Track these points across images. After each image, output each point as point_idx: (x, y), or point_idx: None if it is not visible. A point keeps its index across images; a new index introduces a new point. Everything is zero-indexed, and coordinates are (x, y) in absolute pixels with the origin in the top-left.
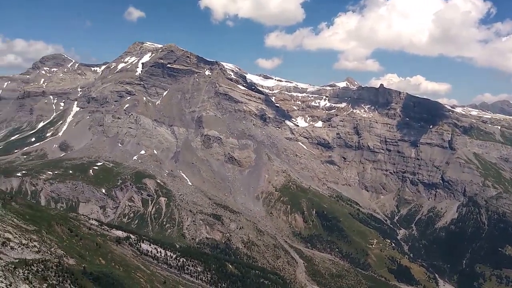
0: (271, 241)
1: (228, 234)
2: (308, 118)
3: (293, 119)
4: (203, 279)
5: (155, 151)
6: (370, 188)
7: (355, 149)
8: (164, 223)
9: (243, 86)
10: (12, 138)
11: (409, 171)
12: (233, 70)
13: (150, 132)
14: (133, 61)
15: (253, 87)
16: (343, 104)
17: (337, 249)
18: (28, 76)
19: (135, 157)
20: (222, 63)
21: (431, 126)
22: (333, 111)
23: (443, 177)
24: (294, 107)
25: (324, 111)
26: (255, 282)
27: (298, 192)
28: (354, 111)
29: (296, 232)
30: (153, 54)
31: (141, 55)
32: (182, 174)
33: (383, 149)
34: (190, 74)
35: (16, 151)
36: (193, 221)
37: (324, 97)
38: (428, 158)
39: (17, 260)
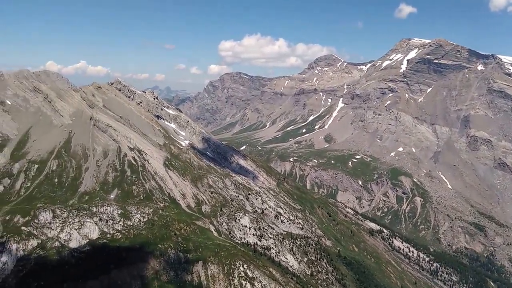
0: None
1: (491, 248)
2: None
3: None
4: None
5: (413, 149)
6: None
7: None
8: (418, 223)
9: None
10: (288, 128)
11: None
12: None
13: (410, 130)
14: (398, 58)
15: None
16: None
17: None
18: (303, 75)
19: (392, 154)
20: (499, 56)
21: None
22: None
23: None
24: None
25: None
26: None
27: None
28: None
29: None
30: (420, 50)
31: (407, 52)
32: (442, 176)
33: None
34: (459, 69)
35: (290, 139)
36: (451, 227)
37: None
38: None
39: (285, 232)
